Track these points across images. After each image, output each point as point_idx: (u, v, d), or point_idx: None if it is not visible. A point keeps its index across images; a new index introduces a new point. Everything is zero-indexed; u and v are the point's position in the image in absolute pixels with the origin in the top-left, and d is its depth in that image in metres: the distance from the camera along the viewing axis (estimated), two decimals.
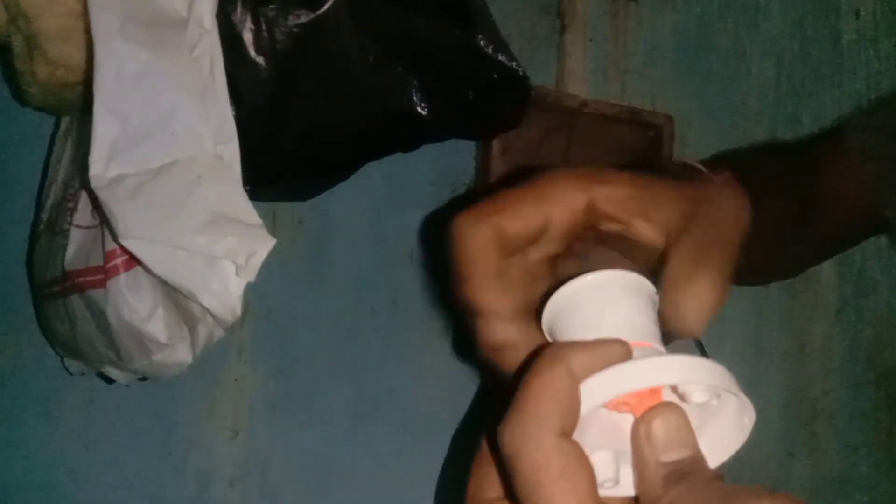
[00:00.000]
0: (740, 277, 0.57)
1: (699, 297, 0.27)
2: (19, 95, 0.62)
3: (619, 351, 0.25)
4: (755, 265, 0.60)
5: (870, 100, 1.01)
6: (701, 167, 0.42)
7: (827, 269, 1.01)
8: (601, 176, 0.32)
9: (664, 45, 0.97)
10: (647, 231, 0.31)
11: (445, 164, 0.85)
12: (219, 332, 0.57)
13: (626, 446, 0.26)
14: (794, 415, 0.97)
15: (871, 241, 1.02)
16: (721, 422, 0.27)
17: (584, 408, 0.24)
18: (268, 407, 0.78)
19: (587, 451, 0.24)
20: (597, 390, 0.24)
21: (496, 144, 0.84)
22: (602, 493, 0.24)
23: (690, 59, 0.98)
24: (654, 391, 0.25)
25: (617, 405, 0.25)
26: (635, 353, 0.25)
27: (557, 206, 0.31)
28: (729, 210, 0.31)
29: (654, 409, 0.24)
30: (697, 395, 0.25)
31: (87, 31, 0.53)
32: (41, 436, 0.72)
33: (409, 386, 0.83)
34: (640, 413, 0.25)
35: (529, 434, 0.24)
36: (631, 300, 0.28)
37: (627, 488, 0.26)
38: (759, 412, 0.27)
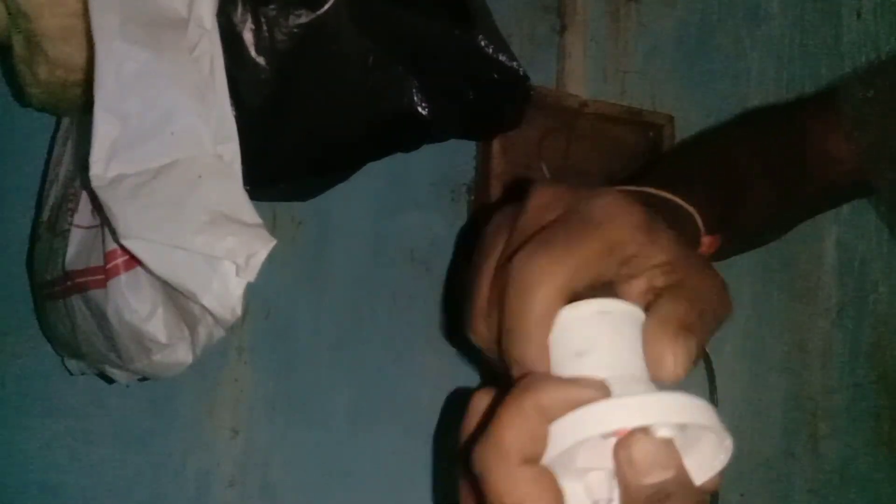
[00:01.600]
0: (735, 241, 0.58)
1: (680, 357, 0.27)
2: (20, 95, 0.62)
3: (592, 393, 0.26)
4: (748, 228, 0.61)
5: (866, 62, 1.01)
6: (688, 208, 0.42)
7: (827, 269, 1.01)
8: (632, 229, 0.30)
9: (664, 45, 0.97)
10: (638, 287, 0.30)
11: (445, 164, 0.85)
12: (219, 332, 0.57)
13: None
14: (794, 415, 0.97)
15: (872, 240, 1.03)
16: (704, 443, 0.27)
17: (563, 443, 0.25)
18: (268, 407, 0.78)
19: (578, 471, 0.25)
20: (571, 429, 0.25)
21: (496, 144, 0.84)
22: None
23: (690, 59, 0.98)
24: None
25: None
26: (615, 389, 0.26)
27: (614, 259, 0.29)
28: (714, 291, 0.30)
29: (633, 435, 0.25)
30: (667, 431, 0.25)
31: (88, 31, 0.53)
32: (41, 436, 0.72)
33: (409, 386, 0.83)
34: (621, 437, 0.25)
35: (494, 460, 0.25)
36: (621, 330, 0.28)
37: None
38: (760, 412, 0.27)
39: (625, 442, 0.25)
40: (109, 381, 0.66)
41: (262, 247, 0.53)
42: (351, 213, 0.82)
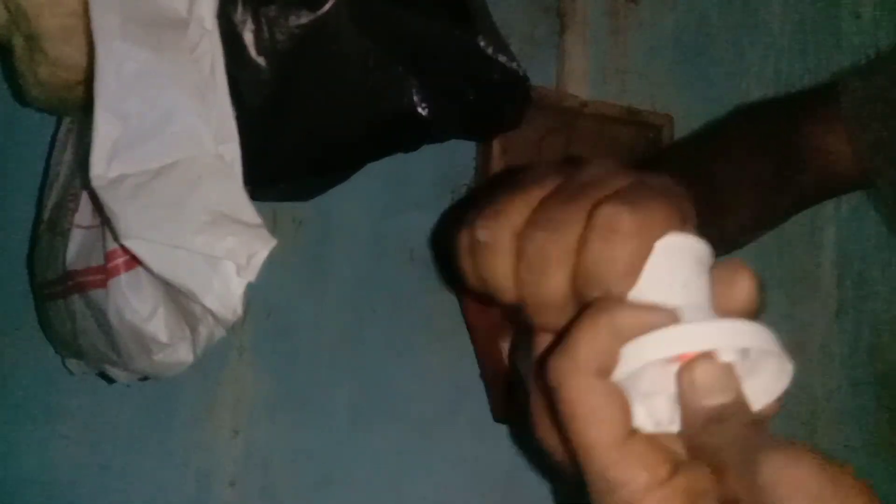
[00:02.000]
0: (727, 236, 0.58)
1: (751, 288, 0.29)
2: (20, 95, 0.62)
3: (662, 318, 0.27)
4: (740, 219, 0.62)
5: (867, 57, 1.01)
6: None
7: (827, 270, 1.01)
8: None
9: (664, 46, 0.97)
10: None
11: (445, 164, 0.85)
12: (220, 332, 0.57)
13: None
14: (794, 415, 0.97)
15: (871, 241, 1.03)
16: (766, 369, 0.29)
17: (631, 365, 0.27)
18: (268, 407, 0.78)
19: (642, 394, 0.27)
20: (640, 351, 0.27)
21: (496, 144, 0.84)
22: (658, 430, 0.27)
23: (690, 59, 0.98)
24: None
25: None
26: (684, 317, 0.27)
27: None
28: None
29: (696, 359, 0.27)
30: (729, 356, 0.27)
31: (88, 31, 0.53)
32: (41, 435, 0.72)
33: (409, 386, 0.83)
34: (685, 362, 0.27)
35: (568, 371, 0.26)
36: (692, 264, 0.29)
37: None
38: None
39: (688, 365, 0.26)
40: (110, 381, 0.66)
41: (262, 247, 0.53)
42: (351, 213, 0.82)
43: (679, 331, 0.27)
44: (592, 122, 0.88)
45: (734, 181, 0.64)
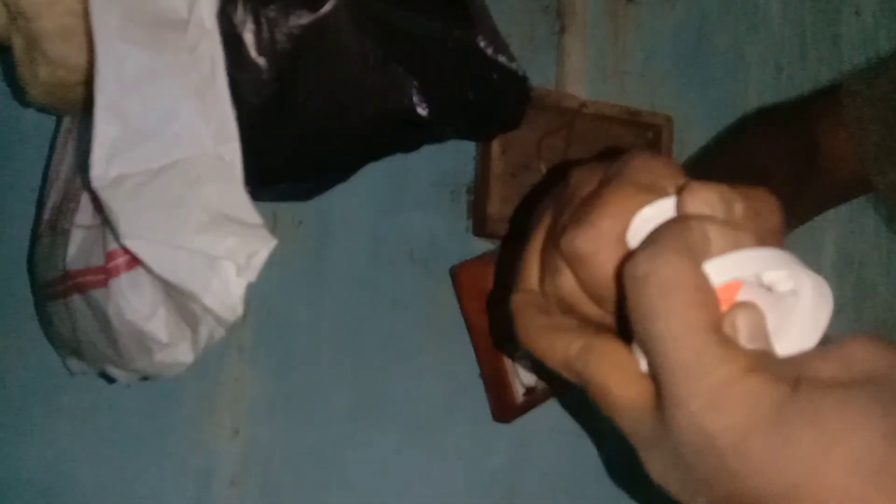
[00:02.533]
0: None
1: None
2: (20, 95, 0.62)
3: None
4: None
5: (869, 58, 1.01)
6: None
7: (827, 270, 1.01)
8: None
9: (664, 46, 0.97)
10: None
11: (445, 164, 0.85)
12: (220, 332, 0.57)
13: None
14: None
15: (871, 241, 1.03)
16: (801, 313, 0.28)
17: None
18: (268, 407, 0.78)
19: None
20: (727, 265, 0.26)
21: (496, 144, 0.84)
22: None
23: (690, 60, 0.98)
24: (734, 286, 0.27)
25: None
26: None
27: None
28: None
29: (740, 307, 0.26)
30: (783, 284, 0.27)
31: (88, 31, 0.53)
32: (41, 435, 0.72)
33: (409, 386, 0.83)
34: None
35: (668, 261, 0.25)
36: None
37: None
38: None
39: (731, 311, 0.26)
40: (110, 380, 0.66)
41: (262, 247, 0.53)
42: (351, 213, 0.82)
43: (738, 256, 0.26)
44: (592, 122, 0.88)
45: (768, 175, 0.64)
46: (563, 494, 0.88)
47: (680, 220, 0.27)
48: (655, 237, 0.26)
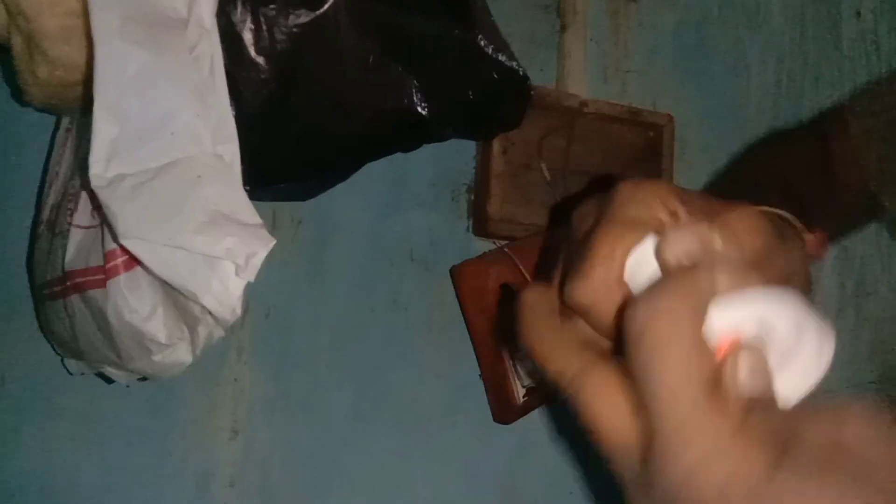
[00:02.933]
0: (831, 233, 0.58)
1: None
2: (19, 95, 0.62)
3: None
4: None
5: (878, 75, 1.01)
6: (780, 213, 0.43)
7: (827, 269, 1.01)
8: None
9: (664, 46, 0.97)
10: None
11: (445, 164, 0.85)
12: (219, 333, 0.57)
13: None
14: None
15: (871, 241, 1.03)
16: (802, 355, 0.29)
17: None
18: (268, 407, 0.78)
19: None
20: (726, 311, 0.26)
21: (496, 144, 0.84)
22: None
23: (690, 59, 0.98)
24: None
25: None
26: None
27: None
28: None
29: (741, 349, 0.26)
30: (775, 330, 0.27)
31: (88, 31, 0.53)
32: (41, 436, 0.72)
33: (409, 386, 0.83)
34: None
35: (661, 317, 0.25)
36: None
37: None
38: None
39: (732, 355, 0.26)
40: (109, 381, 0.66)
41: (261, 247, 0.52)
42: (351, 213, 0.82)
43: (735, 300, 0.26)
44: (592, 121, 0.88)
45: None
46: (564, 495, 0.88)
47: (672, 275, 0.27)
48: (651, 290, 0.26)
